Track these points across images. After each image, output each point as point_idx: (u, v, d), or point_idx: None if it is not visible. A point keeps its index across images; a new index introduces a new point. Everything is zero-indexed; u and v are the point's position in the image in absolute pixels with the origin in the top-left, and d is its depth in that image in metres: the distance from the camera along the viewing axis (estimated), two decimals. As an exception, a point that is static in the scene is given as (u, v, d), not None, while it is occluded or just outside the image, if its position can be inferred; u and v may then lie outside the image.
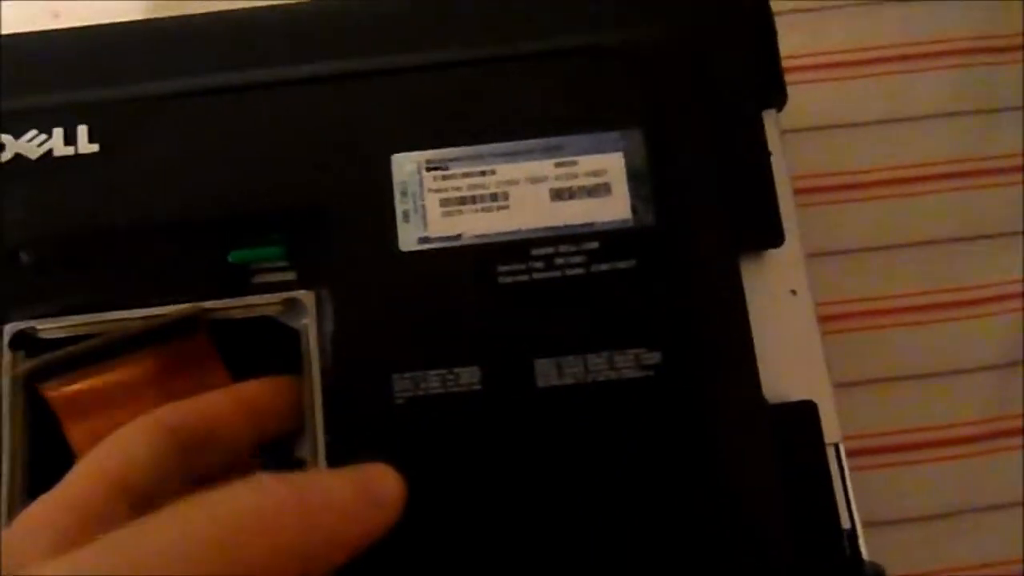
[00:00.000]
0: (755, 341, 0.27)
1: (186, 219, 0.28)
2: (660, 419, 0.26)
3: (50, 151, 0.28)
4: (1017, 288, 0.38)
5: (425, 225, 0.27)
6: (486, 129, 0.28)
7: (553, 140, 0.28)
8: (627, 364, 0.26)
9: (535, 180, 0.28)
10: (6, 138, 0.28)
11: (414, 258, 0.27)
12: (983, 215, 0.39)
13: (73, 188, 0.28)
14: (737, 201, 0.29)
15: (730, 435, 0.26)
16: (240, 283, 0.27)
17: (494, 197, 0.28)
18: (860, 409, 0.37)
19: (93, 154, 0.28)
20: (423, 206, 0.27)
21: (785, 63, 0.39)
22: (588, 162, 0.28)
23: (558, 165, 0.28)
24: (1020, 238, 0.39)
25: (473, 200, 0.28)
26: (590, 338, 0.26)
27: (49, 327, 0.27)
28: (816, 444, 0.27)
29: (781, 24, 0.40)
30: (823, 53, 0.41)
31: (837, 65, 0.41)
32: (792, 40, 0.40)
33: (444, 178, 0.28)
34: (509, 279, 0.27)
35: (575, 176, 0.28)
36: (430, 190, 0.28)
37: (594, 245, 0.27)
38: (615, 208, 0.28)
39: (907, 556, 0.35)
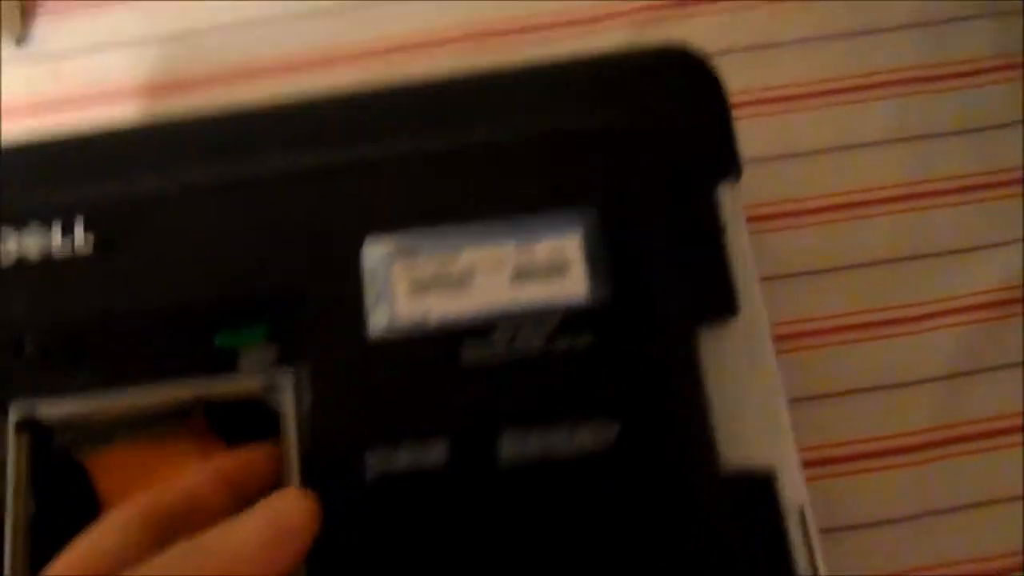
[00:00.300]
0: (717, 406, 0.28)
1: (176, 308, 0.29)
2: (619, 491, 0.27)
3: (49, 247, 0.30)
4: (960, 303, 0.40)
5: (393, 309, 0.28)
6: (452, 213, 0.29)
7: (514, 221, 0.29)
8: (587, 438, 0.27)
9: (497, 262, 0.29)
10: (10, 234, 0.30)
11: (383, 342, 0.28)
12: (926, 235, 0.41)
13: (71, 282, 0.30)
14: (693, 275, 0.29)
15: (689, 506, 0.27)
16: (229, 363, 0.29)
17: (458, 280, 0.29)
18: (815, 422, 0.39)
19: (88, 250, 0.30)
20: (391, 290, 0.29)
21: (738, 97, 0.42)
22: (547, 242, 0.29)
23: (519, 246, 0.29)
24: (962, 256, 0.41)
25: (438, 284, 0.29)
26: (552, 414, 0.27)
27: (52, 410, 0.29)
28: (775, 512, 0.28)
29: (734, 61, 0.43)
30: (773, 88, 0.43)
31: (787, 98, 0.43)
32: (745, 76, 0.42)
33: (411, 263, 0.29)
34: (473, 360, 0.28)
35: (535, 257, 0.29)
36: (398, 275, 0.29)
37: (554, 324, 0.28)
38: (573, 287, 0.28)
39: (865, 560, 0.37)
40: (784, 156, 0.42)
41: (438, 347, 0.28)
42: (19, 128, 0.44)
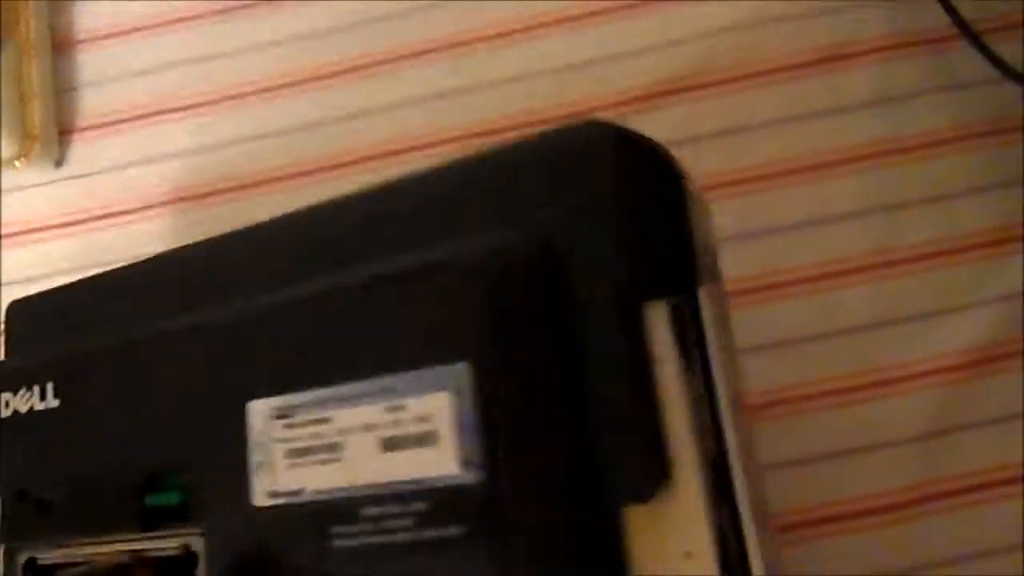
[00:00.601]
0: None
1: (114, 469, 0.30)
2: None
3: (32, 404, 0.32)
4: (934, 365, 0.41)
5: (274, 478, 0.27)
6: (325, 371, 0.26)
7: (385, 379, 0.25)
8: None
9: (367, 428, 0.25)
10: (6, 395, 0.32)
11: (264, 513, 0.27)
12: (899, 301, 0.42)
13: (43, 438, 0.32)
14: (608, 437, 0.23)
15: None
16: (179, 517, 0.29)
17: (330, 448, 0.26)
18: (797, 486, 0.40)
19: (55, 404, 0.31)
20: (271, 458, 0.27)
21: (713, 180, 0.44)
22: (416, 405, 0.24)
23: (389, 410, 0.25)
24: (934, 319, 0.42)
25: (312, 451, 0.26)
26: None
27: (46, 556, 0.31)
28: None
29: (707, 147, 0.45)
30: (747, 168, 0.44)
31: (760, 178, 0.44)
32: (718, 159, 0.45)
33: (289, 427, 0.27)
34: (342, 542, 0.25)
35: (403, 423, 0.25)
36: (277, 441, 0.27)
37: (423, 504, 0.24)
38: (442, 460, 0.24)
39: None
40: (760, 232, 0.44)
41: (310, 525, 0.25)
42: (61, 246, 0.49)
